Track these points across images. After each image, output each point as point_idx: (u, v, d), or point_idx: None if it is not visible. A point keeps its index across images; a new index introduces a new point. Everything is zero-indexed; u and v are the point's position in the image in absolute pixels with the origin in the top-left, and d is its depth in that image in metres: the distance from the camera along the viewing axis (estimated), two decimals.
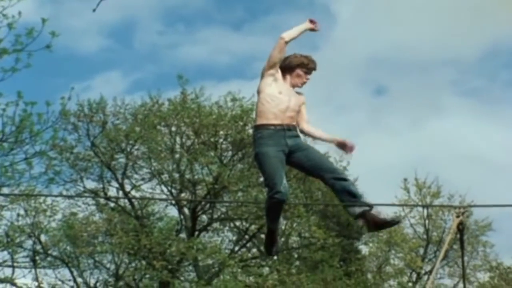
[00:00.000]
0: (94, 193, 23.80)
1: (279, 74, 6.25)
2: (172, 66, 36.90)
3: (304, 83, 6.37)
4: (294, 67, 6.31)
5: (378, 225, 6.10)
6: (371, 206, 6.08)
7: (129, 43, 39.23)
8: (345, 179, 6.13)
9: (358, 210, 6.05)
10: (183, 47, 38.84)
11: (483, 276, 28.25)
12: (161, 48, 38.15)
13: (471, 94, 43.62)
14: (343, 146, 6.34)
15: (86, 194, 23.87)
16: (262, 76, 6.24)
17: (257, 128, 6.22)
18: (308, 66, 6.34)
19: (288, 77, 6.32)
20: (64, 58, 35.36)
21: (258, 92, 6.27)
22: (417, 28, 38.56)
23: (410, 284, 27.01)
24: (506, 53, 40.80)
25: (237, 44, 38.63)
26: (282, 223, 6.86)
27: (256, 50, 38.32)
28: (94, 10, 7.44)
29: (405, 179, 27.71)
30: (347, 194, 6.06)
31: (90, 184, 24.02)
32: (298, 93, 6.40)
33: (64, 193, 23.35)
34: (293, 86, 6.35)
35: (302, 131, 6.42)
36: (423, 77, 39.98)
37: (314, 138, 6.48)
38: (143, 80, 37.65)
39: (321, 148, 6.84)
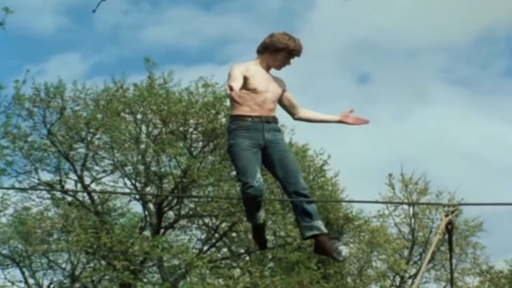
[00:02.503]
0: (50, 186, 23.68)
1: (247, 73, 6.18)
2: (136, 49, 36.78)
3: (282, 67, 6.40)
4: (278, 49, 6.32)
5: (326, 251, 6.29)
6: (324, 232, 6.26)
7: (89, 22, 38.99)
8: (307, 197, 6.26)
9: (310, 232, 6.23)
10: (149, 28, 38.73)
11: (472, 281, 28.56)
12: (124, 28, 38.02)
13: (461, 83, 44.01)
14: (348, 121, 6.54)
15: (41, 187, 23.73)
16: None
17: (234, 118, 6.26)
18: (292, 52, 6.36)
19: (266, 56, 6.34)
20: (17, 38, 35.11)
21: None
22: (404, 11, 38.80)
23: None
24: (500, 39, 41.21)
25: (207, 25, 38.57)
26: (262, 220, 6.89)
27: (228, 32, 38.34)
28: (94, 11, 7.45)
29: (390, 175, 27.94)
30: (304, 213, 6.22)
31: (46, 176, 23.93)
32: (276, 78, 6.42)
33: (17, 185, 23.26)
34: (270, 67, 6.38)
35: (300, 119, 6.54)
36: (410, 65, 40.27)
37: (315, 122, 6.60)
38: (104, 63, 37.49)
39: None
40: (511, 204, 6.22)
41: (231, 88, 5.79)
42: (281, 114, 6.47)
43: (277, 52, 6.31)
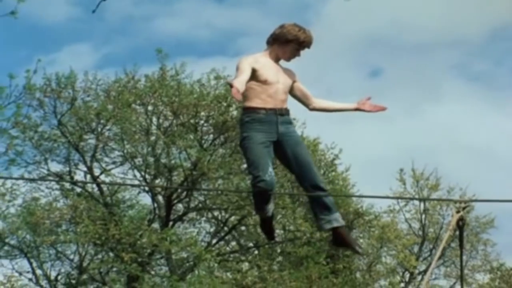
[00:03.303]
0: (59, 177, 23.76)
1: (256, 65, 6.19)
2: (147, 40, 36.71)
3: (292, 58, 6.41)
4: (288, 40, 6.32)
5: (345, 243, 6.33)
6: (342, 224, 6.28)
7: (100, 13, 38.87)
8: (323, 190, 6.28)
9: (329, 225, 6.24)
10: (160, 20, 38.69)
11: (483, 278, 28.54)
12: (135, 19, 38.00)
13: (475, 79, 43.84)
14: (365, 108, 6.54)
15: (50, 178, 23.86)
16: None
17: (246, 110, 6.27)
18: (302, 44, 6.35)
19: (276, 47, 6.34)
20: (29, 28, 35.17)
21: None
22: (418, 5, 38.64)
23: (402, 284, 27.26)
24: None
25: (219, 17, 38.54)
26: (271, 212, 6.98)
27: (240, 25, 38.34)
28: (93, 11, 7.49)
29: (401, 170, 27.91)
30: (322, 206, 6.24)
31: (55, 167, 24.01)
32: (286, 69, 6.42)
33: (26, 175, 23.36)
34: (279, 58, 6.38)
35: (315, 109, 6.55)
36: (423, 60, 40.12)
37: (331, 111, 6.63)
38: (115, 54, 37.48)
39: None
40: None
41: (231, 85, 5.79)
42: (292, 107, 6.48)
43: (287, 43, 6.31)
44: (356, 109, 6.60)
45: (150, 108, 23.69)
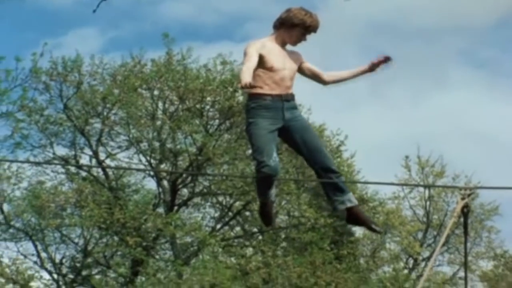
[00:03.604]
0: (65, 161, 23.82)
1: (263, 51, 6.18)
2: (153, 25, 36.69)
3: (298, 43, 6.40)
4: (294, 25, 6.30)
5: (360, 221, 6.38)
6: (356, 204, 6.33)
7: None
8: (334, 172, 6.29)
9: (343, 206, 6.28)
10: (167, 4, 38.63)
11: (486, 265, 28.57)
12: (142, 4, 37.89)
13: (481, 65, 43.73)
14: (376, 66, 6.45)
15: (56, 161, 23.88)
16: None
17: (252, 96, 6.27)
18: (309, 28, 6.33)
19: (282, 31, 6.33)
20: (35, 11, 35.17)
21: None
22: None
23: (406, 270, 27.29)
24: None
25: (225, 2, 38.43)
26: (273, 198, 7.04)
27: (247, 9, 38.25)
28: (94, 11, 7.49)
29: (407, 157, 27.88)
30: (334, 188, 6.26)
31: (61, 151, 24.07)
32: (292, 52, 6.41)
33: (32, 159, 23.39)
34: (285, 43, 6.38)
35: (329, 83, 6.52)
36: (429, 46, 39.99)
37: (347, 80, 6.55)
38: (121, 38, 37.47)
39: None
40: None
41: (243, 86, 5.83)
42: (298, 93, 6.47)
43: (293, 27, 6.29)
44: (370, 69, 6.48)
45: (156, 92, 23.69)
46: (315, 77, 6.51)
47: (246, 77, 5.89)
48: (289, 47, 6.42)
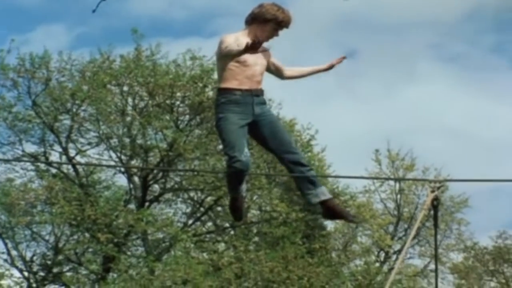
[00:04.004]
0: (34, 158, 23.66)
1: (238, 42, 6.11)
2: (122, 20, 36.51)
3: (270, 38, 6.40)
4: (267, 20, 6.30)
5: (337, 214, 6.44)
6: (329, 197, 6.38)
7: None
8: (304, 165, 6.31)
9: (316, 199, 6.31)
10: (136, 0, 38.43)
11: (457, 257, 28.85)
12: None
13: (450, 59, 44.07)
14: (333, 66, 6.54)
15: (25, 159, 23.76)
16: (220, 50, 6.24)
17: (222, 91, 6.26)
18: (281, 24, 6.33)
19: (255, 27, 6.32)
20: (1, 7, 34.83)
21: (219, 58, 6.27)
22: None
23: (377, 264, 27.45)
24: (489, 15, 41.20)
25: None
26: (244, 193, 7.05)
27: (216, 5, 38.16)
28: (94, 11, 7.43)
29: (377, 150, 28.05)
30: (306, 181, 6.29)
31: (30, 148, 23.91)
32: (263, 48, 6.39)
33: (0, 156, 23.30)
34: (257, 38, 6.37)
35: (288, 78, 6.57)
36: (398, 40, 40.24)
37: (302, 77, 6.64)
38: (89, 34, 37.22)
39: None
40: (497, 180, 6.28)
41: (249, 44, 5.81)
42: (268, 88, 6.48)
43: (266, 23, 6.28)
44: (329, 68, 6.57)
45: (125, 88, 23.60)
46: (277, 71, 6.54)
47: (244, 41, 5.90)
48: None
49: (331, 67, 6.54)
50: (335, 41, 40.53)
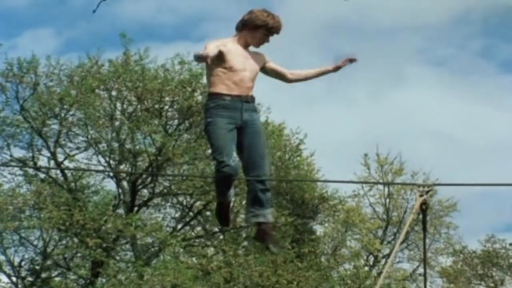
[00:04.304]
0: (22, 163, 23.60)
1: (224, 49, 6.15)
2: (110, 25, 36.47)
3: (261, 44, 6.40)
4: (257, 26, 6.31)
5: (265, 240, 6.41)
6: (268, 221, 6.35)
7: None
8: (264, 185, 6.31)
9: (254, 219, 6.34)
10: (124, 4, 38.42)
11: (446, 261, 28.91)
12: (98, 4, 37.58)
13: (438, 63, 44.28)
14: (340, 67, 6.53)
15: (13, 163, 23.68)
16: None
17: (212, 96, 6.26)
18: (271, 30, 6.34)
19: (245, 33, 6.33)
20: None
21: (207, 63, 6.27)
22: None
23: (366, 268, 27.48)
24: (476, 20, 41.38)
25: (183, 2, 38.41)
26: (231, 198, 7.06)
27: (204, 10, 38.19)
28: (94, 11, 7.43)
29: (366, 155, 28.11)
30: (255, 200, 6.31)
31: (18, 152, 23.82)
32: (255, 54, 6.41)
33: None
34: (248, 44, 6.37)
35: (292, 82, 6.55)
36: (386, 45, 40.38)
37: (308, 79, 6.61)
38: (78, 39, 37.20)
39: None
40: (485, 184, 6.32)
41: (201, 55, 5.90)
42: (257, 93, 6.48)
43: (256, 29, 6.30)
44: (334, 70, 6.56)
45: (114, 93, 23.56)
46: (279, 76, 6.53)
47: (209, 51, 5.96)
48: (253, 48, 6.43)
49: (337, 68, 6.52)
50: (324, 45, 40.64)
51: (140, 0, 37.38)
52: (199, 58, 6.02)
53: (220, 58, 6.14)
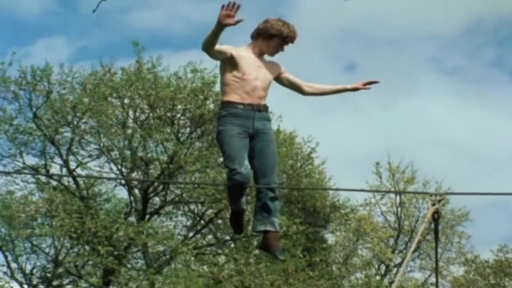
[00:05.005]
0: (35, 170, 23.63)
1: (236, 55, 6.19)
2: (122, 33, 36.63)
3: (275, 53, 6.41)
4: (272, 35, 6.32)
5: (268, 248, 6.38)
6: (275, 230, 6.35)
7: (74, 6, 38.84)
8: (273, 193, 6.31)
9: (262, 227, 6.31)
10: (135, 12, 38.58)
11: (457, 270, 28.79)
12: (110, 12, 37.81)
13: (450, 72, 44.15)
14: (358, 89, 6.57)
15: (26, 171, 23.71)
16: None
17: (224, 105, 6.28)
18: (286, 39, 6.36)
19: (260, 41, 6.34)
20: (3, 20, 34.95)
21: (220, 71, 6.31)
22: (392, 0, 38.77)
23: (378, 277, 27.39)
24: (488, 29, 41.29)
25: (194, 10, 38.49)
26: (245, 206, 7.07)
27: (215, 18, 38.24)
28: (94, 11, 7.46)
29: (377, 163, 28.05)
30: (264, 208, 6.28)
31: (31, 160, 23.87)
32: (270, 63, 6.41)
33: (1, 168, 23.27)
34: (263, 53, 6.38)
35: (309, 95, 6.57)
36: (398, 54, 40.34)
37: (324, 95, 6.64)
38: (90, 47, 37.33)
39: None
40: (498, 193, 6.27)
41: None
42: (268, 101, 6.47)
43: (271, 38, 6.32)
44: (353, 89, 6.60)
45: (126, 101, 23.60)
46: (294, 87, 6.55)
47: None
48: (268, 57, 6.45)
49: (356, 89, 6.57)
50: (335, 54, 40.67)
51: (151, 9, 37.52)
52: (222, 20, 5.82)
53: (231, 63, 6.15)
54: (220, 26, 5.86)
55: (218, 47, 6.06)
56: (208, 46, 6.01)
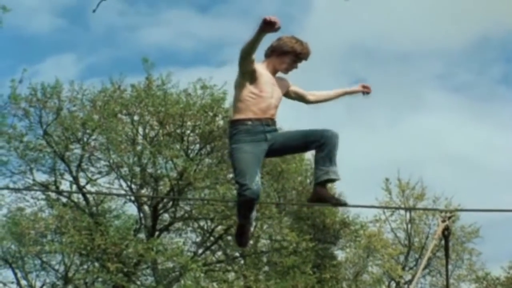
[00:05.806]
0: (45, 187, 23.68)
1: (258, 70, 6.22)
2: (131, 50, 36.79)
3: (289, 70, 6.43)
4: (285, 52, 6.36)
5: (322, 198, 6.38)
6: (338, 178, 6.35)
7: (84, 23, 39.07)
8: (327, 146, 6.30)
9: (326, 176, 6.31)
10: (144, 30, 38.75)
11: (468, 287, 28.61)
12: (120, 30, 38.04)
13: (458, 89, 44.13)
14: (358, 90, 6.74)
15: (36, 188, 23.74)
16: (240, 72, 6.24)
17: (233, 123, 6.30)
18: (299, 56, 6.39)
19: (273, 59, 6.37)
20: (13, 38, 35.15)
21: (236, 87, 6.30)
22: (400, 16, 38.87)
23: None
24: (496, 45, 41.28)
25: (203, 27, 38.63)
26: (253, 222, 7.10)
27: (224, 35, 38.36)
28: (94, 11, 7.52)
29: (387, 179, 27.97)
30: (326, 158, 6.31)
31: (41, 177, 23.94)
32: (280, 79, 6.45)
33: (11, 185, 23.27)
34: (276, 70, 6.41)
35: (312, 103, 6.70)
36: (406, 70, 40.35)
37: (327, 100, 6.79)
38: (99, 64, 37.51)
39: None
40: (508, 210, 6.26)
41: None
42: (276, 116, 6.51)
43: (284, 55, 6.35)
44: (351, 92, 6.80)
45: (136, 118, 23.66)
46: (300, 98, 6.66)
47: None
48: (279, 74, 6.48)
49: (354, 92, 6.78)
50: (344, 70, 40.68)
51: (160, 26, 37.67)
52: (267, 24, 5.80)
53: (252, 77, 6.19)
54: (263, 31, 5.85)
55: (254, 56, 6.11)
56: (251, 52, 6.04)
